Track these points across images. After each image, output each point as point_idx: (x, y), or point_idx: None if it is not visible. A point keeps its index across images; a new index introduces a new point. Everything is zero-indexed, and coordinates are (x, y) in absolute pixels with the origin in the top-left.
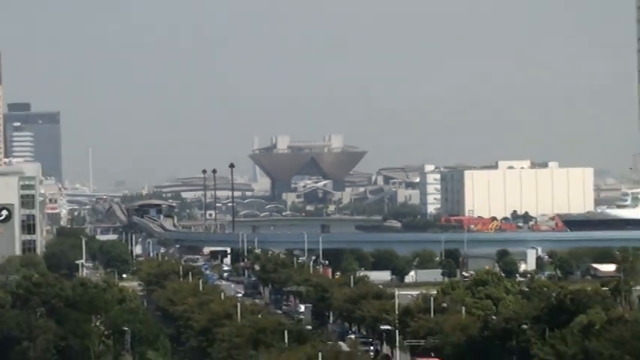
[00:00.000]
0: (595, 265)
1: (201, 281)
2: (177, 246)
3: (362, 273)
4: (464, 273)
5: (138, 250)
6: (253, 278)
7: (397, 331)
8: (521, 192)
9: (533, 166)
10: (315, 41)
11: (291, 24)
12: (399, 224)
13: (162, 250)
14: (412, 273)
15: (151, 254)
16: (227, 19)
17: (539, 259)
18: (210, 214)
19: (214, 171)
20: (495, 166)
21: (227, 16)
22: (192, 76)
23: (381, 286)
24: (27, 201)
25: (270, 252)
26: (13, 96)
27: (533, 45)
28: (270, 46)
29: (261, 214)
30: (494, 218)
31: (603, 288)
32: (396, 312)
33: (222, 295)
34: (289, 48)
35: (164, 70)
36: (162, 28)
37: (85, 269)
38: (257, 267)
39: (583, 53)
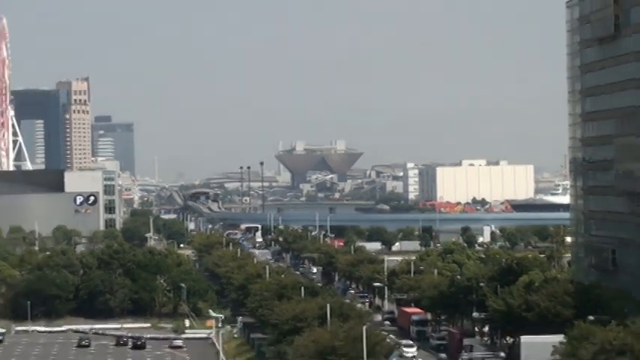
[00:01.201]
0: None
1: (239, 249)
2: (221, 223)
3: (360, 244)
4: (436, 244)
5: (191, 226)
6: (278, 247)
7: (386, 287)
8: (479, 183)
9: (488, 163)
10: (324, 68)
11: (306, 54)
12: (387, 207)
13: (210, 226)
14: (397, 244)
15: (201, 229)
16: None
17: (492, 233)
18: (246, 200)
19: (249, 167)
20: (460, 164)
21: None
22: (231, 97)
23: (374, 254)
24: (109, 189)
25: (291, 228)
26: (98, 110)
27: (489, 70)
28: (291, 72)
29: (284, 200)
30: (459, 203)
31: (541, 255)
32: (385, 273)
33: (255, 260)
34: (304, 74)
35: (210, 92)
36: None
37: (152, 240)
38: (281, 239)
39: (527, 76)
